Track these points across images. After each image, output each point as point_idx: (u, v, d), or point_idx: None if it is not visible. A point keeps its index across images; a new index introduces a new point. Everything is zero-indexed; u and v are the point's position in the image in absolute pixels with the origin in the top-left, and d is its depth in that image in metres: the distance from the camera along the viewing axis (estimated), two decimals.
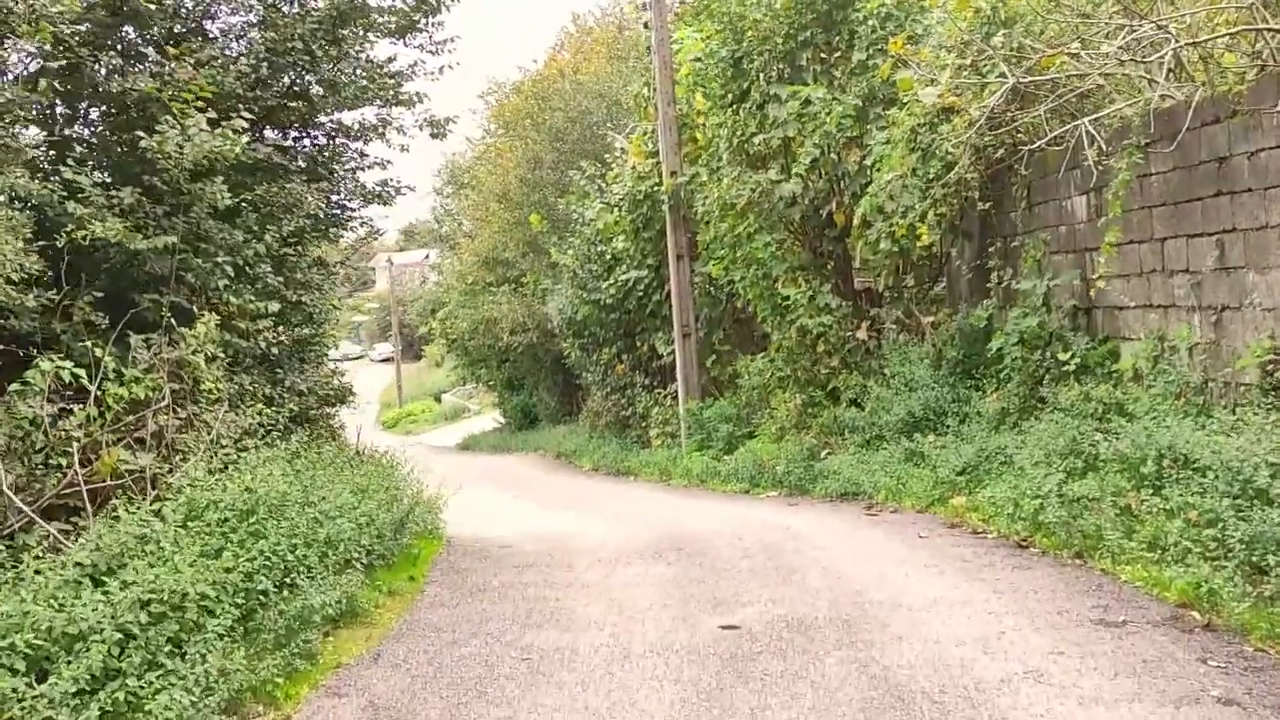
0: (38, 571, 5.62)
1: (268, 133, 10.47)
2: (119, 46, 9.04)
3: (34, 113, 8.92)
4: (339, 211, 11.39)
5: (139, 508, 6.29)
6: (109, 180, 8.75)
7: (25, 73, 8.69)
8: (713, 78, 16.54)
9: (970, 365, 12.64)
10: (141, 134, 8.23)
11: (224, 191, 8.65)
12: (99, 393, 7.14)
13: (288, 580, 6.64)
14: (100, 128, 9.53)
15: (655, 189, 20.05)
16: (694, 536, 10.11)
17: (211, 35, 10.18)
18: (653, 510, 13.67)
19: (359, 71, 10.84)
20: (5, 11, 7.67)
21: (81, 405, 7.09)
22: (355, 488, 8.90)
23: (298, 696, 5.93)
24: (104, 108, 9.40)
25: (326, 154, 11.02)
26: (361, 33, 10.66)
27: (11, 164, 7.57)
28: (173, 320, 8.12)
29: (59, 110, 9.45)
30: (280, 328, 10.04)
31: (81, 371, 6.93)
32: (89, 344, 7.25)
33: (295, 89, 10.50)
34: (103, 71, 8.87)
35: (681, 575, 8.20)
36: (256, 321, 9.14)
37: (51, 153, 9.02)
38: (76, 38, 8.37)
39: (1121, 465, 8.25)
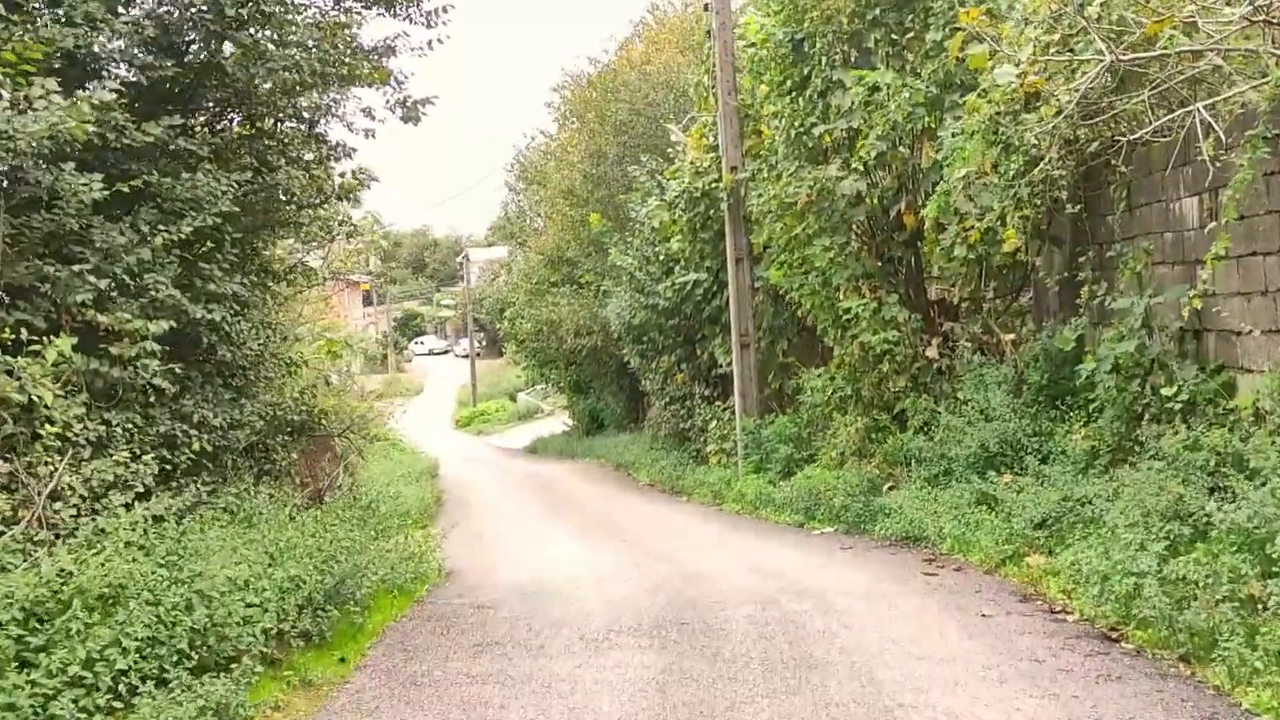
0: None
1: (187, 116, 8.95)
2: None
3: None
4: (289, 208, 9.90)
5: None
6: None
7: None
8: (770, 63, 14.89)
9: (1055, 393, 10.93)
10: None
11: (94, 181, 7.23)
12: None
13: (113, 699, 5.17)
14: None
15: (714, 186, 18.44)
16: (710, 600, 8.53)
17: None
18: (685, 550, 12.12)
19: (312, 44, 9.25)
20: None
21: None
22: (284, 545, 7.47)
23: None
24: None
25: (268, 139, 9.54)
26: None
27: None
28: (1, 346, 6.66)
29: None
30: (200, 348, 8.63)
31: None
32: None
33: (207, 59, 9.01)
34: None
35: (673, 668, 6.61)
36: (140, 344, 7.72)
37: None
38: None
39: (1241, 540, 6.52)
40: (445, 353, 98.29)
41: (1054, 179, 10.19)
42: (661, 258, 21.12)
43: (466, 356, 70.90)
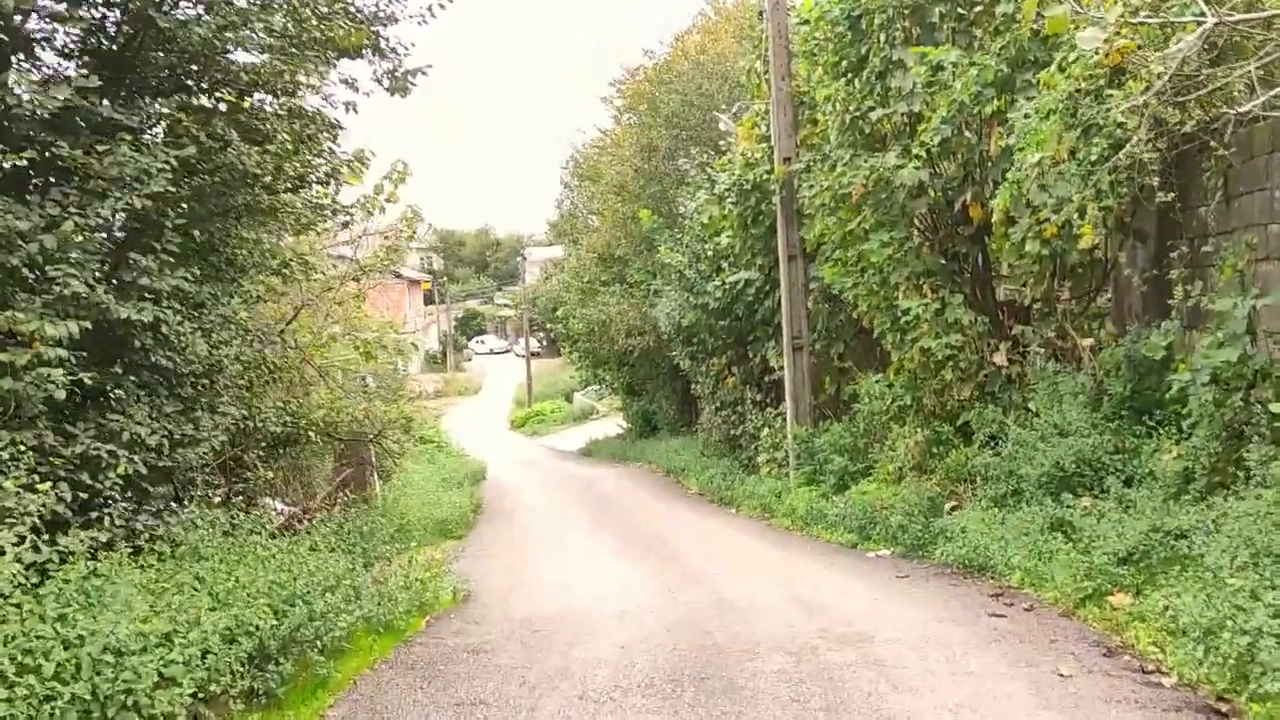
0: None
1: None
2: None
3: None
4: (255, 191, 8.74)
5: None
6: None
7: None
8: (826, 43, 13.75)
9: (1141, 406, 9.77)
10: None
11: None
12: None
13: None
14: None
15: (766, 178, 17.32)
16: (739, 646, 7.43)
17: None
18: (724, 574, 11.05)
19: (281, 2, 8.17)
20: None
21: None
22: (235, 584, 6.47)
23: None
24: None
25: (235, 113, 8.46)
26: None
27: None
28: None
29: None
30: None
31: None
32: None
33: (140, 10, 7.91)
34: None
35: None
36: (35, 349, 6.45)
37: None
38: None
39: None
40: (505, 352, 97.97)
41: (1141, 164, 9.02)
42: (710, 255, 20.03)
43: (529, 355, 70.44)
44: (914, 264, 12.71)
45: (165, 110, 7.90)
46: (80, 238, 6.68)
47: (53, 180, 7.09)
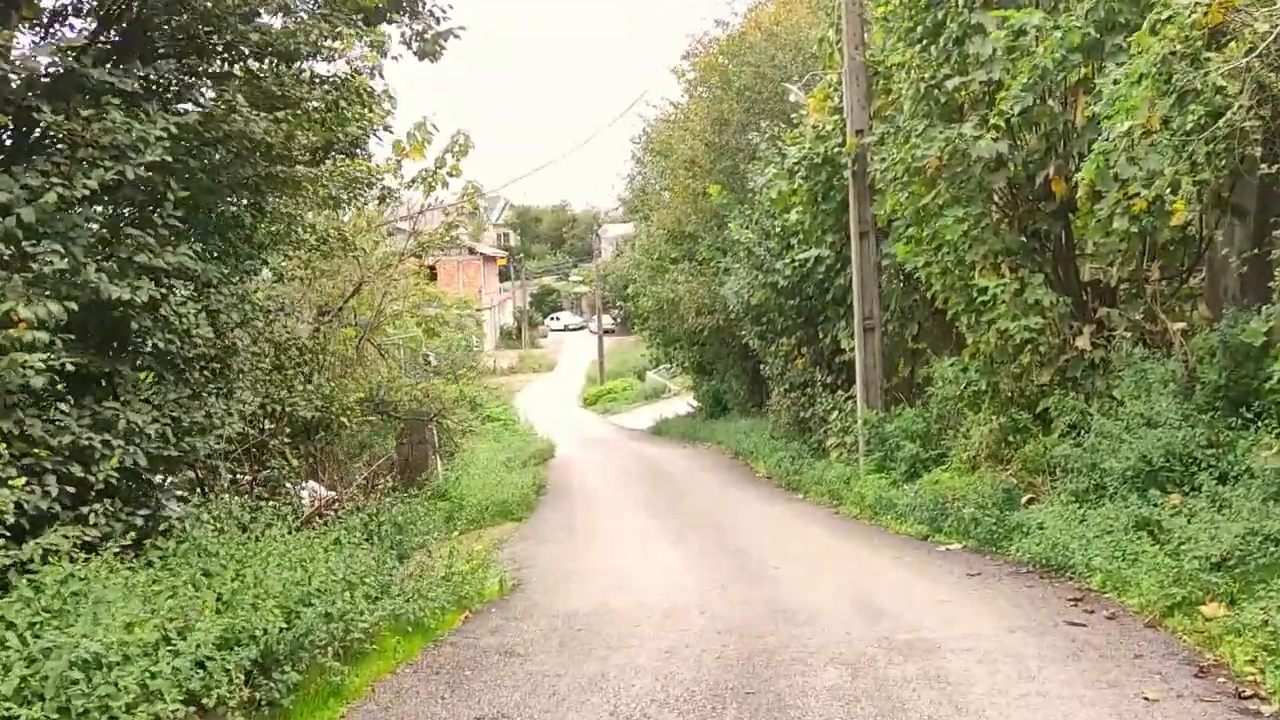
0: None
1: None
2: None
3: None
4: (277, 163, 8.20)
5: None
6: None
7: None
8: (900, 8, 13.04)
9: (1237, 396, 9.07)
10: None
11: None
12: None
13: None
14: None
15: (837, 151, 16.62)
16: (792, 656, 6.91)
17: None
18: (785, 570, 10.54)
19: None
20: None
21: None
22: (241, 585, 6.08)
23: None
24: None
25: (253, 77, 7.98)
26: None
27: None
28: None
29: None
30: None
31: None
32: None
33: None
34: None
35: None
36: (22, 333, 5.88)
37: None
38: None
39: None
40: (581, 329, 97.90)
41: (1242, 133, 8.26)
42: (780, 231, 19.39)
43: (605, 332, 70.12)
44: (991, 241, 11.98)
45: (170, 75, 7.47)
46: (73, 210, 6.25)
47: (42, 147, 6.66)
